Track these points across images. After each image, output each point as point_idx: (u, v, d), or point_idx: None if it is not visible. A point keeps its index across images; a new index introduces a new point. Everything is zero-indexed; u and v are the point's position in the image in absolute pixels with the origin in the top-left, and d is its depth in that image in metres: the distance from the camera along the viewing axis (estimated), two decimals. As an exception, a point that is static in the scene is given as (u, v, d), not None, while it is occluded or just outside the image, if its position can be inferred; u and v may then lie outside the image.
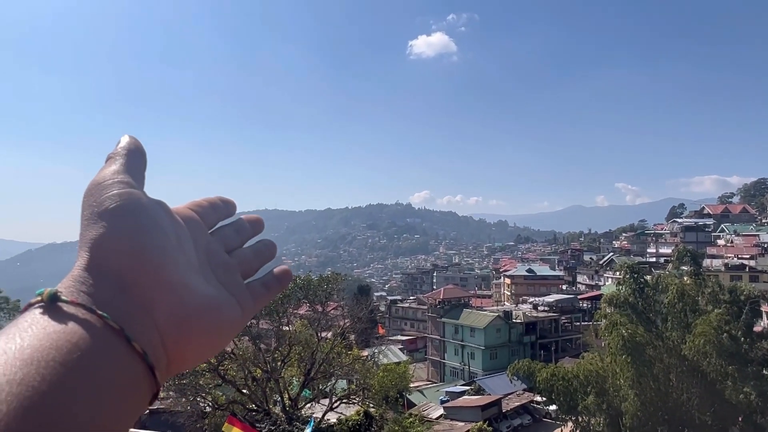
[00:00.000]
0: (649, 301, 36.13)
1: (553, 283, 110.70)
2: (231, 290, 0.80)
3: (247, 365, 39.14)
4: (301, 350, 40.27)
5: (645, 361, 33.15)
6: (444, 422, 45.58)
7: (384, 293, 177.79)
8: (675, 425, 33.43)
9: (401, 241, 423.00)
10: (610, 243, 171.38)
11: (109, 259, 0.68)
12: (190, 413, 38.19)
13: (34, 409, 0.55)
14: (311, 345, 39.95)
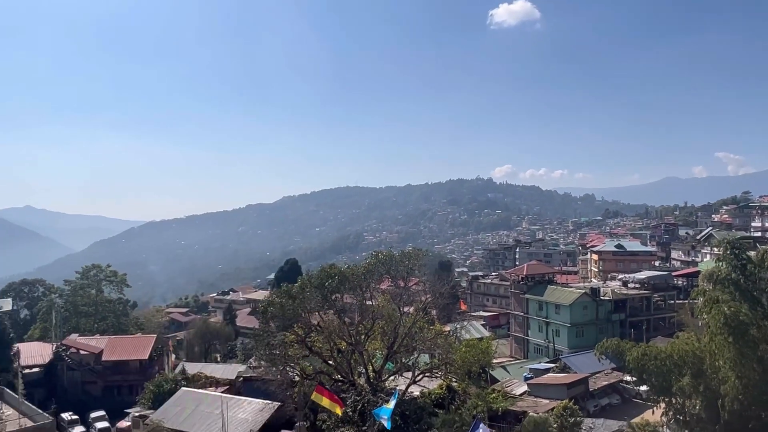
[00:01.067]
0: (753, 278, 33.56)
1: (645, 260, 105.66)
2: None
3: (332, 338, 40.46)
4: (384, 324, 41.06)
5: (748, 341, 30.97)
6: (528, 399, 45.10)
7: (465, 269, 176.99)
8: (783, 411, 31.15)
9: (482, 217, 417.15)
10: (709, 217, 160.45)
11: None
12: (281, 382, 40.15)
13: None
14: (394, 319, 40.61)
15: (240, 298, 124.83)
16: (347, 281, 40.91)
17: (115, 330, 79.71)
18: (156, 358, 66.62)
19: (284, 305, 40.33)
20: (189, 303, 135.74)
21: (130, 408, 52.86)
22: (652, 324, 68.64)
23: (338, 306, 41.50)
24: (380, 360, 41.63)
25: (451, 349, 40.74)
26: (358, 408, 34.67)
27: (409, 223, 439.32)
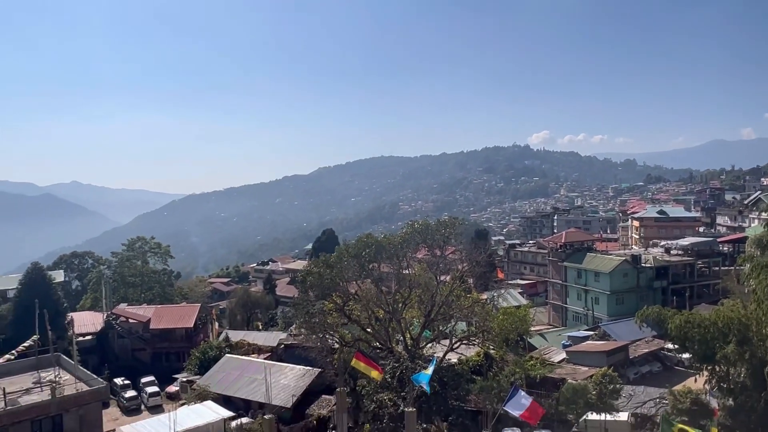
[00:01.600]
0: (804, 243, 32.32)
1: (688, 225, 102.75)
2: None
3: (370, 306, 41.05)
4: (421, 293, 41.37)
5: (798, 309, 30.02)
6: (566, 366, 45.02)
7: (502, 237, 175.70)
8: (833, 379, 30.27)
9: (519, 184, 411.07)
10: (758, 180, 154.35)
11: None
12: (321, 349, 41.12)
13: None
14: (431, 288, 40.86)
15: (279, 268, 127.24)
16: (384, 251, 41.23)
17: (161, 299, 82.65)
18: (200, 326, 68.93)
19: (322, 274, 41.00)
20: (230, 273, 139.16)
21: (178, 374, 55.15)
22: (696, 291, 67.11)
23: (375, 275, 41.93)
24: (417, 328, 42.09)
25: (489, 316, 40.83)
26: (397, 374, 35.27)
27: (445, 192, 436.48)
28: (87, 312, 71.77)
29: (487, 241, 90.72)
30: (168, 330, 64.53)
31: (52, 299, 55.58)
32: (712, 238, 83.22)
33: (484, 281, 63.27)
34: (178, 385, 52.05)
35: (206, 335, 68.15)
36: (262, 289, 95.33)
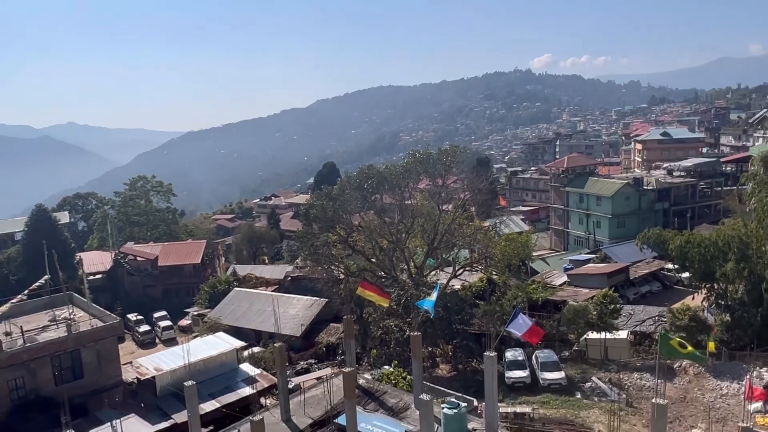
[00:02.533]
0: (809, 160, 32.16)
1: (692, 147, 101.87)
2: None
3: (373, 237, 41.49)
4: (424, 222, 41.69)
5: (798, 225, 30.26)
6: (567, 289, 45.96)
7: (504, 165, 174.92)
8: (829, 292, 30.94)
9: (521, 111, 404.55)
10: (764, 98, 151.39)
11: None
12: (327, 280, 41.96)
13: None
14: (433, 217, 41.12)
15: (282, 202, 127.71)
16: (386, 182, 41.20)
17: (167, 237, 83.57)
18: (208, 262, 70.09)
19: (325, 207, 41.20)
20: (234, 209, 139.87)
21: (189, 308, 56.63)
22: (697, 212, 67.41)
23: (378, 206, 42.12)
24: (421, 256, 42.72)
25: (491, 243, 41.32)
26: (402, 302, 36.15)
27: (446, 120, 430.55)
28: (95, 252, 72.84)
29: (488, 169, 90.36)
30: (176, 266, 65.68)
31: (59, 240, 56.24)
32: (715, 158, 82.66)
33: (486, 209, 63.52)
34: (190, 319, 53.58)
35: (214, 271, 69.42)
36: (267, 224, 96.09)
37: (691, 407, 28.69)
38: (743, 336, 32.91)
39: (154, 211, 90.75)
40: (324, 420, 21.74)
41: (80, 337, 30.85)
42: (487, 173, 58.34)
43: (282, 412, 22.38)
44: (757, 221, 32.37)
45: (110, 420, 26.54)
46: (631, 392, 31.00)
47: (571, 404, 29.36)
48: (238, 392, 30.04)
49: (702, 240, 34.73)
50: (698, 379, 30.65)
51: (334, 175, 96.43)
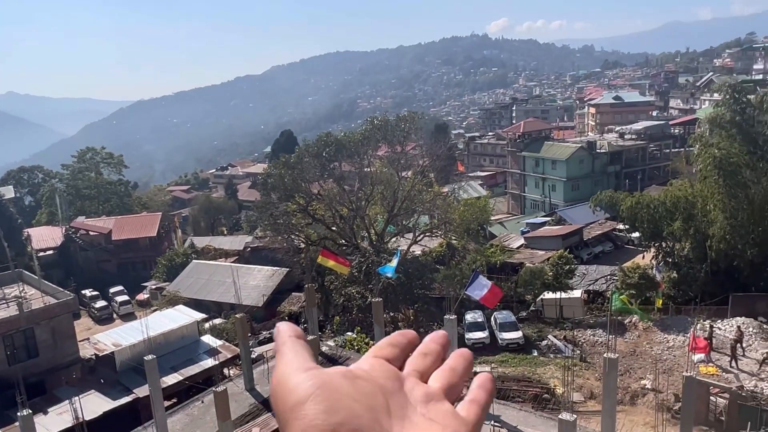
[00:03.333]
0: (751, 122, 33.50)
1: (643, 110, 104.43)
2: (444, 422, 0.80)
3: (333, 205, 41.38)
4: (383, 189, 41.78)
5: (739, 182, 31.66)
6: (525, 251, 47.13)
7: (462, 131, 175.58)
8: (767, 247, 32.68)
9: (478, 76, 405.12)
10: (711, 62, 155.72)
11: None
12: (287, 249, 41.78)
13: None
14: (392, 184, 41.23)
15: (239, 172, 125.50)
16: (344, 149, 40.94)
17: (120, 210, 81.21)
18: (164, 234, 68.61)
19: (283, 176, 40.73)
20: (189, 180, 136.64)
21: (146, 282, 55.58)
22: (647, 174, 69.65)
23: (337, 174, 41.91)
24: (381, 224, 42.94)
25: (450, 209, 41.83)
26: (363, 269, 36.40)
27: (404, 86, 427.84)
28: (44, 227, 70.25)
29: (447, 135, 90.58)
30: (131, 240, 64.05)
31: (4, 216, 53.99)
32: (664, 121, 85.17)
33: (445, 174, 64.05)
34: (148, 293, 52.66)
35: (171, 243, 68.09)
36: (224, 195, 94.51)
37: (640, 360, 30.15)
38: (689, 291, 34.64)
39: (105, 183, 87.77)
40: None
41: (33, 315, 29.99)
42: (445, 139, 58.59)
43: (245, 381, 22.47)
44: (702, 182, 33.72)
45: (69, 397, 26.09)
46: (585, 348, 32.33)
47: (528, 362, 30.46)
48: (200, 364, 29.93)
49: (651, 201, 36.04)
50: (647, 333, 32.16)
51: (292, 143, 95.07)
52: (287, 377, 0.81)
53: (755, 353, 27.45)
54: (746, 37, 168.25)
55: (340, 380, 0.80)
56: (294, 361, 0.84)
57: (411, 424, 0.78)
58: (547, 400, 26.63)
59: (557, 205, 65.35)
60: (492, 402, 0.91)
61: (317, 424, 0.74)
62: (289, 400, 0.78)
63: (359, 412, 0.76)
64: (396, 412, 0.80)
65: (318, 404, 0.76)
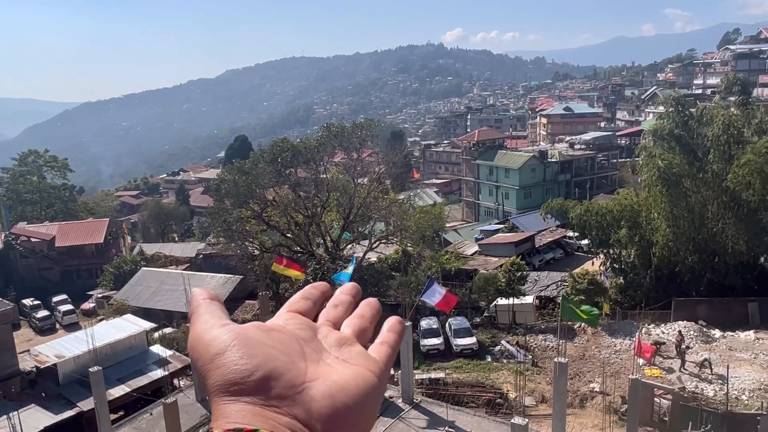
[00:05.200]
0: (692, 134, 35.11)
1: (591, 121, 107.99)
2: (357, 361, 0.88)
3: (288, 211, 40.95)
4: (339, 196, 41.64)
5: (681, 192, 33.07)
6: (478, 258, 47.82)
7: (418, 138, 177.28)
8: (706, 254, 34.25)
9: (434, 84, 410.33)
10: (654, 76, 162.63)
11: (241, 392, 0.79)
12: (241, 256, 41.04)
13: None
14: (348, 191, 41.15)
15: (191, 177, 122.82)
16: (300, 155, 40.63)
17: (65, 216, 78.04)
18: (111, 241, 66.31)
19: (237, 182, 40.08)
20: (139, 185, 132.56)
21: (92, 290, 53.52)
22: (596, 183, 72.00)
23: (292, 180, 41.53)
24: (337, 230, 42.78)
25: (406, 216, 42.06)
26: (319, 276, 36.12)
27: (360, 93, 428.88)
28: (-19, 233, 66.78)
29: (402, 142, 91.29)
30: (76, 247, 61.60)
31: (-63, 222, 51.07)
32: (611, 132, 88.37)
33: (401, 182, 64.31)
34: (94, 302, 50.73)
35: (118, 250, 65.85)
36: (175, 200, 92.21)
37: (589, 363, 30.99)
38: (634, 296, 35.92)
39: (48, 188, 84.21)
40: (241, 398, 21.48)
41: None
42: (401, 146, 58.92)
43: (197, 392, 21.91)
44: (647, 191, 35.08)
45: (6, 413, 24.80)
46: (537, 353, 33.00)
47: (482, 367, 30.85)
48: (149, 375, 28.98)
49: (599, 209, 37.24)
50: (596, 337, 33.11)
51: (246, 148, 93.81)
52: (204, 332, 0.86)
53: (696, 356, 28.63)
54: (687, 53, 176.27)
55: (255, 331, 0.86)
56: (210, 320, 0.89)
57: (326, 366, 0.85)
58: (500, 405, 27.04)
59: (510, 212, 66.69)
60: (401, 342, 0.98)
61: (236, 368, 0.79)
62: (208, 353, 0.82)
63: (276, 355, 0.82)
64: (311, 356, 0.86)
65: (236, 352, 0.81)
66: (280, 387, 0.79)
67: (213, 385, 0.80)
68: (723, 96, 43.39)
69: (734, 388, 25.59)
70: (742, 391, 25.63)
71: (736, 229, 33.03)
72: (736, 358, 28.62)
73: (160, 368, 29.13)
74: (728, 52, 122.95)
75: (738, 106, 37.61)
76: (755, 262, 34.56)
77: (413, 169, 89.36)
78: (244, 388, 0.79)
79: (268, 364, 0.80)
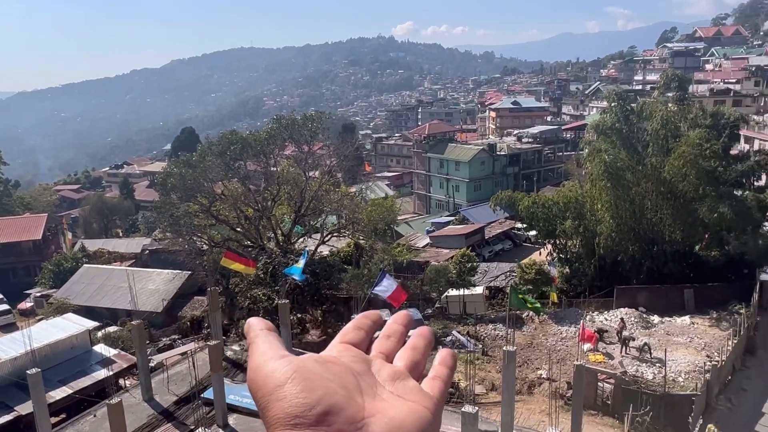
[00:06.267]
0: (632, 128, 36.47)
1: (538, 115, 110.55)
2: (411, 397, 0.88)
3: (238, 205, 40.20)
4: (290, 189, 41.16)
5: (623, 185, 34.31)
6: (430, 250, 48.35)
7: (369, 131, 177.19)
8: (646, 243, 35.75)
9: (385, 77, 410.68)
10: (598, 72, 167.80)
11: (302, 426, 0.79)
12: (189, 251, 40.03)
13: None
14: (299, 184, 40.73)
15: (136, 171, 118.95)
16: (249, 148, 39.90)
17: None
18: (50, 237, 63.54)
19: (184, 175, 39.03)
20: (80, 179, 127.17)
21: (30, 289, 51.14)
22: (543, 175, 73.92)
23: (242, 173, 40.76)
24: (288, 224, 42.32)
25: (357, 209, 42.00)
26: (270, 270, 35.66)
27: (311, 85, 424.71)
28: None
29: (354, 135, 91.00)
30: (12, 244, 58.67)
31: None
32: (557, 126, 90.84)
33: (353, 175, 64.31)
34: (32, 301, 48.52)
35: (58, 247, 63.14)
36: (119, 194, 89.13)
37: (537, 351, 31.87)
38: (579, 285, 37.14)
39: (-20, 182, 79.84)
40: (189, 396, 21.05)
41: None
42: (352, 139, 58.69)
43: (143, 391, 21.31)
44: (591, 183, 36.26)
45: (-64, 420, 23.47)
46: (487, 342, 33.67)
47: (433, 358, 31.20)
48: (92, 376, 27.96)
49: (546, 201, 38.26)
50: (543, 325, 34.07)
51: (194, 140, 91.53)
52: (263, 364, 0.86)
53: (636, 341, 29.88)
54: (628, 50, 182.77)
55: (313, 364, 0.86)
56: (268, 351, 0.89)
57: (381, 401, 0.85)
58: (452, 394, 27.48)
59: (461, 204, 67.66)
60: (453, 376, 1.00)
61: (298, 402, 0.79)
62: (268, 385, 0.83)
63: (335, 389, 0.82)
64: (367, 390, 0.86)
65: (296, 385, 0.81)
66: (341, 422, 0.79)
67: (273, 418, 0.80)
68: (662, 92, 45.19)
69: (671, 371, 26.88)
70: (679, 373, 26.95)
71: (673, 220, 34.61)
72: (673, 342, 30.06)
73: (104, 368, 28.16)
74: (666, 49, 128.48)
75: (675, 101, 39.25)
76: (690, 250, 36.32)
77: (365, 162, 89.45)
78: (305, 422, 0.79)
79: (329, 399, 0.80)
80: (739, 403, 25.58)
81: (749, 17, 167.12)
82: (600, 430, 23.20)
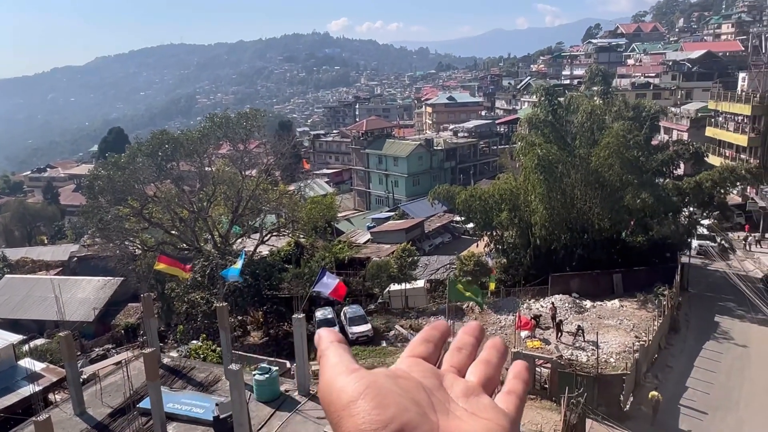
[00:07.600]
0: (561, 121, 37.85)
1: (473, 110, 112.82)
2: (486, 415, 0.84)
3: (171, 207, 38.91)
4: (227, 189, 40.23)
5: (555, 176, 35.51)
6: (371, 245, 48.51)
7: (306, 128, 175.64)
8: (577, 232, 37.24)
9: (321, 74, 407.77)
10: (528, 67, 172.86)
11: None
12: (120, 257, 38.42)
13: None
14: (236, 183, 39.87)
15: (60, 174, 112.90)
16: (182, 147, 38.71)
17: None
18: (-33, 247, 59.38)
19: (113, 177, 37.44)
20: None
21: (-55, 304, 47.67)
22: (479, 169, 75.57)
23: (175, 174, 39.49)
24: (226, 225, 41.37)
25: (297, 207, 41.59)
26: (207, 272, 34.77)
27: (245, 82, 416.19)
28: None
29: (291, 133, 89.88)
30: None
31: None
32: (491, 120, 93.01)
33: (291, 173, 63.45)
34: (-52, 316, 45.22)
35: (-24, 257, 59.11)
36: (43, 199, 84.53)
37: (477, 341, 32.55)
38: (516, 274, 38.27)
39: None
40: (125, 407, 20.26)
41: None
42: (290, 137, 57.92)
43: (74, 405, 20.33)
44: (524, 176, 37.39)
45: None
46: (429, 335, 34.13)
47: (377, 353, 31.39)
48: (18, 392, 26.37)
49: (482, 194, 39.15)
50: (483, 315, 34.88)
51: (123, 141, 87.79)
52: (334, 379, 0.85)
53: (570, 326, 31.11)
54: (556, 46, 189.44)
55: (384, 379, 0.84)
56: (339, 365, 0.87)
57: (455, 419, 0.82)
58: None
59: (400, 200, 68.22)
60: (528, 390, 0.95)
61: (371, 419, 0.77)
62: (340, 400, 0.81)
63: (407, 406, 0.80)
64: (439, 407, 0.83)
65: (369, 401, 0.79)
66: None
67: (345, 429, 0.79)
68: (587, 86, 47.12)
69: (603, 352, 28.16)
70: (611, 355, 28.27)
71: (601, 208, 36.22)
72: (605, 325, 31.49)
73: (31, 383, 26.64)
74: (591, 45, 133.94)
75: (600, 95, 41.03)
76: (618, 237, 38.13)
77: (303, 159, 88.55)
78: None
79: (402, 416, 0.78)
80: (665, 379, 27.14)
81: (665, 14, 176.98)
82: (539, 413, 24.01)
